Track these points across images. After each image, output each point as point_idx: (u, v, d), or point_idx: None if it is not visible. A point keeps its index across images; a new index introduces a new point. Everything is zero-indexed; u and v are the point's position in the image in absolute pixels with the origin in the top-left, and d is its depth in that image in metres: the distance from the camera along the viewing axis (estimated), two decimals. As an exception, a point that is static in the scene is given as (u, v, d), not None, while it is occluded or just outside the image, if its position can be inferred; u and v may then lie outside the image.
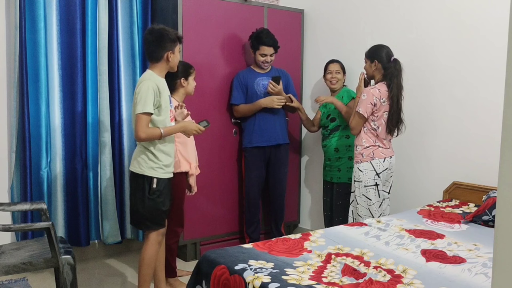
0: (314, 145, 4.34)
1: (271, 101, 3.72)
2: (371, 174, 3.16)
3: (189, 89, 3.18)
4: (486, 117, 3.14)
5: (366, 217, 3.16)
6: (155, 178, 2.73)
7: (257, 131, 3.77)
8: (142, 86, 2.65)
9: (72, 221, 3.62)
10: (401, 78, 3.20)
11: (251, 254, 2.23)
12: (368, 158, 3.17)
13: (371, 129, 3.19)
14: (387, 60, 3.19)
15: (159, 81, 2.73)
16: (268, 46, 3.70)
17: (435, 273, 2.05)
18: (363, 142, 3.19)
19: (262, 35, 3.70)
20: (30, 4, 3.34)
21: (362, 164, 3.18)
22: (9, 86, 3.41)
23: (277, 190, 3.95)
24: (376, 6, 3.77)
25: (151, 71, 2.76)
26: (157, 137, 2.69)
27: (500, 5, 3.03)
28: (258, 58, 3.74)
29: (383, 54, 3.20)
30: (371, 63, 3.23)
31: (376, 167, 3.16)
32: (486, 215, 2.76)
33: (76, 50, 3.53)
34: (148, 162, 2.73)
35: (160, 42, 2.71)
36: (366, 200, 3.17)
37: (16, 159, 3.39)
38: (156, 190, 2.75)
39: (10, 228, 2.66)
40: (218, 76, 3.84)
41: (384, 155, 3.20)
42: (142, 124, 2.63)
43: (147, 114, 2.64)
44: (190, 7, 3.62)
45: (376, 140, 3.20)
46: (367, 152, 3.18)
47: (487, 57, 3.12)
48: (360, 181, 3.18)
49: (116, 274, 3.56)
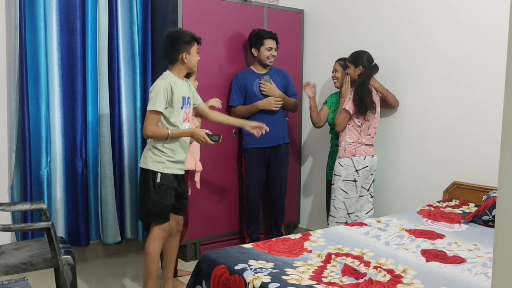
0: (314, 145, 4.34)
1: (269, 103, 3.72)
2: (351, 169, 3.35)
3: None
4: (486, 117, 3.14)
5: (340, 209, 3.36)
6: (159, 173, 2.81)
7: None
8: (156, 85, 2.76)
9: (72, 221, 3.62)
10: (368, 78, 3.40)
11: (251, 254, 2.23)
12: (350, 154, 3.36)
13: (356, 126, 3.38)
14: (369, 65, 3.42)
15: (174, 81, 2.80)
16: (272, 39, 3.75)
17: (435, 273, 2.05)
18: (347, 138, 3.39)
19: (263, 31, 3.76)
20: (30, 4, 3.34)
21: (343, 160, 3.38)
22: (9, 86, 3.40)
23: (278, 190, 3.95)
24: (376, 6, 3.77)
25: (169, 72, 2.85)
26: (163, 137, 2.76)
27: (500, 6, 3.03)
28: (264, 54, 3.75)
29: (364, 59, 3.42)
30: (356, 68, 3.44)
31: (356, 164, 3.35)
32: (486, 215, 2.76)
33: (76, 50, 3.53)
34: (153, 157, 2.82)
35: (174, 44, 2.81)
36: (343, 193, 3.37)
37: (16, 159, 3.39)
38: (161, 184, 2.81)
39: (10, 228, 2.66)
40: (218, 76, 3.83)
41: (365, 153, 3.38)
42: (150, 122, 2.73)
43: (156, 113, 2.73)
44: (190, 7, 3.62)
45: (359, 137, 3.38)
46: (349, 148, 3.37)
47: (487, 57, 3.11)
48: (339, 175, 3.37)
49: (116, 274, 3.56)
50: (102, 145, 3.67)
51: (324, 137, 4.09)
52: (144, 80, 3.83)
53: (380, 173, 3.69)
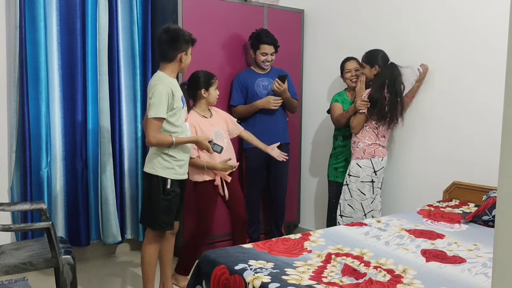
0: (314, 145, 4.35)
1: (268, 102, 3.71)
2: (369, 171, 3.37)
3: (210, 99, 3.19)
4: (486, 117, 3.14)
5: (358, 211, 3.37)
6: (169, 179, 2.75)
7: (258, 131, 3.77)
8: (156, 90, 2.63)
9: (72, 221, 3.62)
10: (399, 82, 3.35)
11: (251, 254, 2.23)
12: (369, 156, 3.36)
13: (373, 127, 3.37)
14: (384, 64, 3.36)
15: (171, 83, 2.72)
16: (269, 45, 3.69)
17: (435, 273, 2.05)
18: (366, 139, 3.37)
19: (262, 34, 3.71)
20: (30, 4, 3.33)
21: (362, 161, 3.37)
22: (9, 86, 3.40)
23: (278, 190, 3.95)
24: (376, 6, 3.77)
25: (163, 73, 2.74)
26: (167, 144, 2.69)
27: (499, 6, 3.03)
28: (259, 58, 3.73)
29: (379, 58, 3.37)
30: (371, 67, 3.38)
31: (375, 165, 3.36)
32: (486, 215, 2.77)
33: (76, 50, 3.53)
34: (162, 162, 2.74)
35: (175, 42, 2.70)
36: (361, 195, 3.38)
37: (16, 159, 3.39)
38: (171, 191, 2.77)
39: (10, 228, 2.67)
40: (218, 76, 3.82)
41: (382, 154, 3.40)
42: (153, 129, 2.63)
43: (159, 120, 2.64)
44: (190, 7, 3.62)
45: (376, 139, 3.38)
46: (369, 150, 3.36)
47: (487, 57, 3.12)
48: (357, 176, 3.37)
49: (116, 274, 3.56)
50: (102, 145, 3.67)
51: (324, 137, 4.09)
52: (144, 80, 3.83)
53: (380, 173, 3.70)
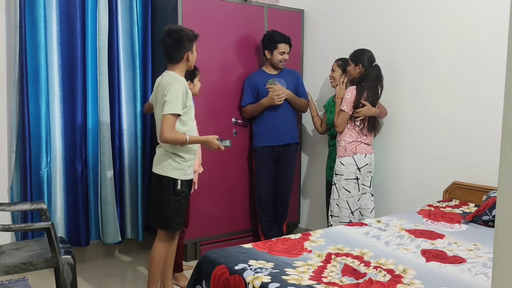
0: (314, 145, 4.34)
1: (272, 99, 3.74)
2: (353, 168, 3.39)
3: (195, 90, 3.23)
4: (486, 117, 3.14)
5: (344, 209, 3.39)
6: (179, 180, 2.75)
7: (268, 130, 3.80)
8: (172, 87, 2.62)
9: (72, 221, 3.62)
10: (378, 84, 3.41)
11: (251, 254, 2.23)
12: (351, 153, 3.40)
13: (354, 125, 3.42)
14: (369, 65, 3.40)
15: (185, 81, 2.75)
16: (285, 44, 3.76)
17: (435, 273, 2.05)
18: (346, 137, 3.42)
19: (276, 34, 3.77)
20: (30, 4, 3.33)
21: (345, 159, 3.40)
22: (9, 86, 3.40)
23: (284, 189, 3.97)
24: (376, 6, 3.77)
25: (173, 72, 2.74)
26: (180, 142, 2.67)
27: (499, 6, 3.03)
28: (277, 58, 3.76)
29: (365, 58, 3.41)
30: (356, 66, 3.44)
31: (358, 162, 3.38)
32: (486, 215, 2.76)
33: (76, 50, 3.53)
34: (173, 164, 2.73)
35: (180, 43, 2.71)
36: (346, 192, 3.40)
37: (16, 159, 3.39)
38: (182, 191, 2.78)
39: (10, 228, 2.66)
40: (217, 76, 3.83)
41: (365, 151, 3.43)
42: (168, 125, 2.61)
43: (175, 116, 2.63)
44: (190, 7, 3.62)
45: (358, 136, 3.42)
46: (350, 147, 3.40)
47: (487, 57, 3.11)
48: (341, 174, 3.40)
49: (116, 274, 3.56)
50: (102, 145, 3.67)
51: (324, 138, 4.09)
52: (144, 80, 3.83)
53: (380, 173, 3.69)
